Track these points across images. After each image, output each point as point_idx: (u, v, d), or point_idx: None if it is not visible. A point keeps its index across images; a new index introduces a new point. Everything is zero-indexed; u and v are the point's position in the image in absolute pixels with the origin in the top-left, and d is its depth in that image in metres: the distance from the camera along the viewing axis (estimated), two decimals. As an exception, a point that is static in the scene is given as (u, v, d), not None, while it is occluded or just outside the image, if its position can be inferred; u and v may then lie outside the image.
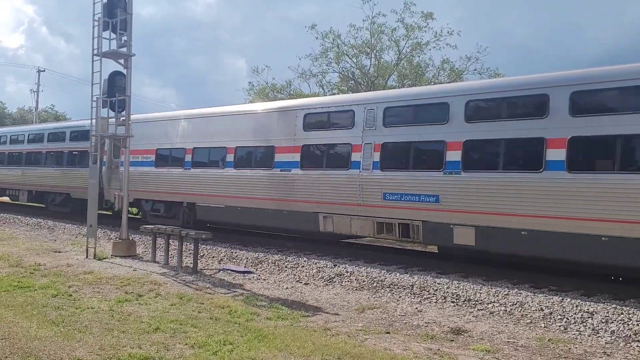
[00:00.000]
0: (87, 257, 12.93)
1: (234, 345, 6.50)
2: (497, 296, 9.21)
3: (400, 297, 9.75)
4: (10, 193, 25.31)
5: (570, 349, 6.98)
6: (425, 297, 9.63)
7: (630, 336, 7.42)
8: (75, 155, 21.48)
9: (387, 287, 10.22)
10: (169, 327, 7.19)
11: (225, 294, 9.62)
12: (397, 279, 10.47)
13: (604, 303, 8.65)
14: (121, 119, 13.74)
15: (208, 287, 10.13)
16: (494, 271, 11.00)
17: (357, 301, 9.40)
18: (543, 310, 8.47)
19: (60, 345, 6.31)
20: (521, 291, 9.39)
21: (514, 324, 8.14)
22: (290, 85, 33.27)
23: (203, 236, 11.93)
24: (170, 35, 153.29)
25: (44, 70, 54.84)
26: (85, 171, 19.80)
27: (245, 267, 12.29)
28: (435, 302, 9.39)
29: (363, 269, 11.32)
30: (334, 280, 10.96)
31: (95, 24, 13.39)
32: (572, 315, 8.17)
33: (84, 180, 20.02)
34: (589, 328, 7.79)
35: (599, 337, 7.53)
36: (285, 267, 12.00)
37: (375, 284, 10.43)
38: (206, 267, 12.28)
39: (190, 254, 12.51)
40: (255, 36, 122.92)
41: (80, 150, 21.06)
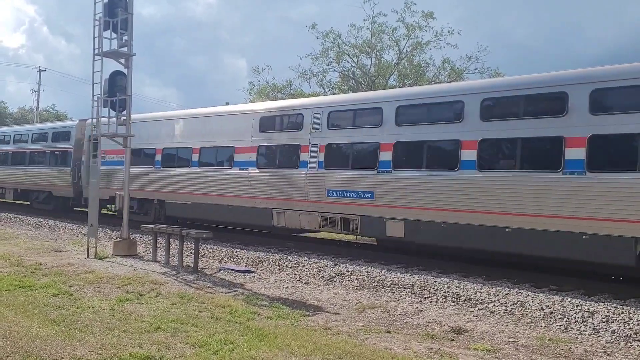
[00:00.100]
0: (88, 256, 12.95)
1: (235, 344, 6.51)
2: (498, 295, 9.22)
3: (400, 296, 9.76)
4: None
5: (570, 348, 6.99)
6: (425, 296, 9.64)
7: (630, 336, 7.43)
8: (57, 155, 22.05)
9: (388, 287, 10.23)
10: (169, 326, 7.20)
11: (226, 293, 9.64)
12: (398, 279, 10.49)
13: (605, 302, 8.65)
14: (122, 118, 13.76)
15: (209, 287, 10.14)
16: (495, 271, 11.01)
17: (358, 300, 9.41)
18: (543, 309, 8.47)
19: (61, 344, 6.32)
20: (522, 291, 9.40)
21: (515, 324, 8.15)
22: (291, 85, 33.24)
23: (204, 235, 11.95)
24: (171, 35, 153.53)
25: (45, 70, 54.87)
26: (65, 170, 21.02)
27: (245, 266, 12.30)
28: (436, 302, 9.39)
29: (363, 268, 11.33)
30: (335, 279, 10.97)
31: (96, 23, 13.41)
32: (572, 315, 8.18)
33: (65, 179, 21.06)
34: (590, 327, 7.79)
35: (599, 336, 7.53)
36: (286, 266, 12.01)
37: (375, 284, 10.44)
38: (207, 267, 12.29)
39: (191, 253, 12.52)
40: (255, 36, 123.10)
41: (61, 150, 21.66)
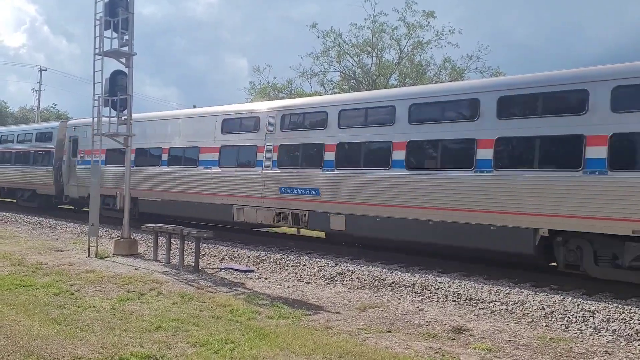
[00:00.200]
0: (88, 255, 12.96)
1: (236, 343, 6.52)
2: (499, 295, 9.22)
3: (401, 295, 9.76)
4: None
5: (571, 347, 6.99)
6: (426, 296, 9.64)
7: (631, 335, 7.43)
8: (40, 155, 22.72)
9: (389, 286, 10.23)
10: (170, 325, 7.21)
11: (226, 292, 9.64)
12: (399, 278, 10.49)
13: (606, 302, 8.64)
14: (123, 118, 13.77)
15: (209, 286, 10.14)
16: (495, 270, 11.01)
17: (359, 300, 9.41)
18: (544, 309, 8.47)
19: (62, 343, 6.33)
20: (522, 290, 9.39)
21: (516, 323, 8.15)
22: (292, 84, 33.28)
23: (205, 235, 11.95)
24: (171, 34, 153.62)
25: (46, 70, 54.99)
26: (47, 169, 21.86)
27: (246, 265, 12.31)
28: (437, 301, 9.39)
29: (364, 267, 11.34)
30: (336, 279, 10.97)
31: (97, 23, 13.41)
32: (573, 314, 8.17)
33: (47, 178, 21.87)
34: (591, 327, 7.79)
35: (600, 336, 7.53)
36: (287, 265, 12.01)
37: (376, 283, 10.44)
38: (208, 266, 12.30)
39: (191, 252, 12.53)
40: (256, 36, 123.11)
41: (45, 151, 22.33)
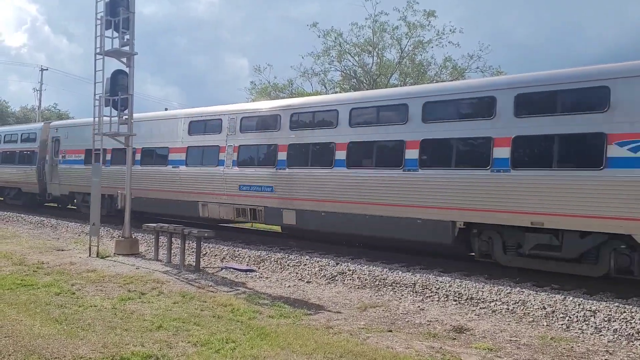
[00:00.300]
0: (90, 255, 12.97)
1: (237, 343, 6.52)
2: (500, 294, 9.21)
3: (402, 295, 9.76)
4: None
5: (572, 347, 6.98)
6: (427, 295, 9.64)
7: (632, 335, 7.42)
8: (25, 155, 23.60)
9: (389, 286, 10.23)
10: (171, 325, 7.21)
11: (227, 292, 9.65)
12: (399, 278, 10.48)
13: (607, 302, 8.63)
14: (124, 117, 13.78)
15: (210, 286, 10.15)
16: (496, 270, 11.00)
17: (359, 299, 9.42)
18: (545, 308, 8.47)
19: (63, 343, 6.34)
20: (523, 290, 9.39)
21: (516, 323, 8.15)
22: (292, 84, 33.30)
23: (205, 234, 11.96)
24: (172, 34, 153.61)
25: (47, 69, 55.02)
26: (31, 168, 22.82)
27: (247, 265, 12.32)
28: (438, 301, 9.39)
29: (365, 267, 11.34)
30: (336, 278, 10.97)
31: (98, 22, 13.42)
32: (574, 314, 8.17)
33: (31, 177, 22.83)
34: (592, 327, 7.79)
35: (601, 335, 7.53)
36: (288, 265, 12.01)
37: (377, 282, 10.44)
38: (209, 266, 12.31)
39: (192, 252, 12.54)
40: (256, 35, 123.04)
41: (29, 151, 23.55)
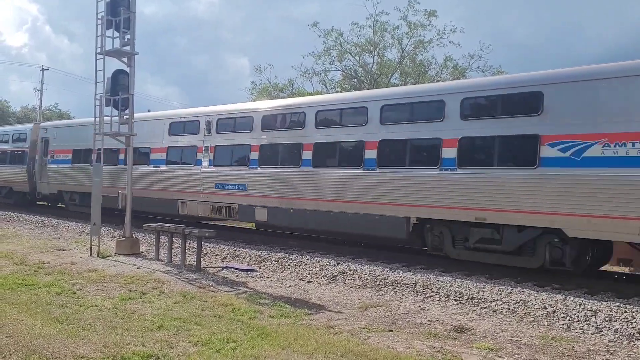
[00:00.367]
0: (90, 255, 12.98)
1: (237, 343, 6.53)
2: (500, 294, 9.20)
3: (403, 295, 9.76)
4: None
5: (573, 347, 6.98)
6: (428, 295, 9.64)
7: (633, 334, 7.41)
8: (15, 155, 24.41)
9: (390, 285, 10.23)
10: (172, 324, 7.22)
11: (228, 292, 9.65)
12: (400, 277, 10.48)
13: (608, 301, 8.62)
14: (125, 117, 13.79)
15: (211, 285, 10.16)
16: (497, 269, 10.99)
17: (360, 299, 9.42)
18: (546, 308, 8.46)
19: (64, 342, 6.35)
20: (524, 289, 9.38)
21: (517, 322, 8.14)
22: (293, 84, 33.31)
23: (206, 234, 11.97)
24: (173, 33, 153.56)
25: (48, 69, 54.97)
26: (22, 168, 23.41)
27: (248, 265, 12.32)
28: (438, 301, 9.39)
29: (366, 267, 11.33)
30: (337, 278, 10.97)
31: (99, 22, 13.43)
32: (575, 314, 8.16)
33: (22, 176, 23.42)
34: (593, 326, 7.78)
35: (602, 335, 7.52)
36: (289, 265, 12.02)
37: (378, 282, 10.44)
38: (209, 265, 12.31)
39: (193, 252, 12.55)
40: (256, 35, 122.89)
41: (20, 151, 24.14)
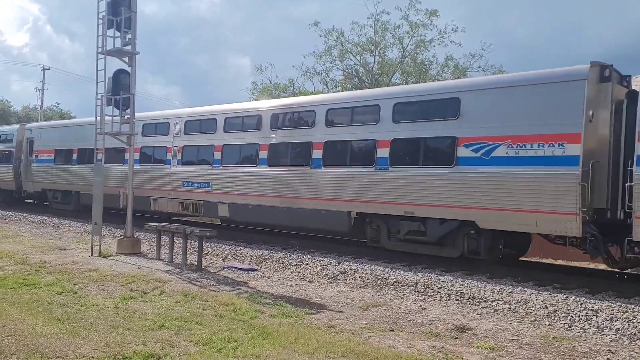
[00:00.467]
0: (92, 254, 12.99)
1: (239, 342, 6.53)
2: (502, 294, 9.20)
3: (404, 294, 9.76)
4: None
5: (574, 346, 6.98)
6: (429, 294, 9.63)
7: (635, 334, 7.40)
8: (3, 155, 25.09)
9: (391, 285, 10.23)
10: (173, 324, 7.22)
11: (229, 291, 9.66)
12: (401, 277, 10.48)
13: (609, 301, 8.62)
14: (126, 116, 13.80)
15: (212, 285, 10.16)
16: (498, 269, 10.99)
17: (361, 299, 9.42)
18: (547, 308, 8.46)
19: (65, 342, 6.35)
20: (525, 289, 9.37)
21: (519, 322, 8.14)
22: (294, 84, 33.34)
23: (207, 234, 11.98)
24: (174, 33, 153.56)
25: (49, 69, 54.99)
26: (8, 167, 24.20)
27: (249, 264, 12.32)
28: (440, 300, 9.39)
29: (367, 266, 11.33)
30: (338, 277, 10.97)
31: (100, 22, 13.43)
32: (576, 313, 8.15)
33: (9, 175, 24.35)
34: (594, 326, 7.77)
35: (603, 335, 7.51)
36: (290, 264, 12.02)
37: (379, 282, 10.43)
38: (210, 265, 12.32)
39: (194, 251, 12.56)
40: (257, 35, 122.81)
41: (7, 151, 24.82)
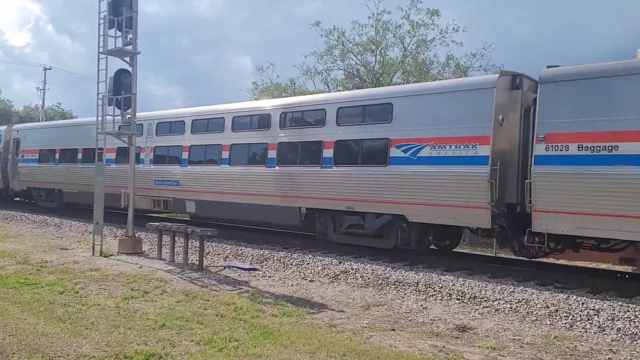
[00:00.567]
0: (93, 254, 13.00)
1: (240, 342, 6.53)
2: (503, 293, 9.20)
3: (405, 294, 9.76)
4: None
5: (576, 346, 6.97)
6: (430, 294, 9.63)
7: (636, 334, 7.40)
8: None
9: (393, 285, 10.23)
10: (174, 323, 7.23)
11: (230, 291, 9.66)
12: (402, 276, 10.48)
13: (610, 300, 8.61)
14: (127, 116, 13.81)
15: (214, 284, 10.17)
16: (500, 268, 10.99)
17: (363, 298, 9.42)
18: (549, 307, 8.45)
19: (67, 341, 6.36)
20: (527, 288, 9.37)
21: (520, 322, 8.14)
22: (295, 83, 33.36)
23: (208, 233, 11.98)
24: (175, 33, 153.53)
25: (50, 69, 54.71)
26: None
27: (250, 264, 12.33)
28: (441, 300, 9.39)
29: (368, 266, 11.33)
30: (339, 277, 10.98)
31: (101, 22, 13.44)
32: (578, 313, 8.15)
33: None
34: (595, 325, 7.77)
35: (605, 334, 7.51)
36: (291, 264, 12.02)
37: (380, 281, 10.44)
38: (212, 265, 12.32)
39: (195, 251, 12.57)
40: (259, 34, 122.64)
41: None
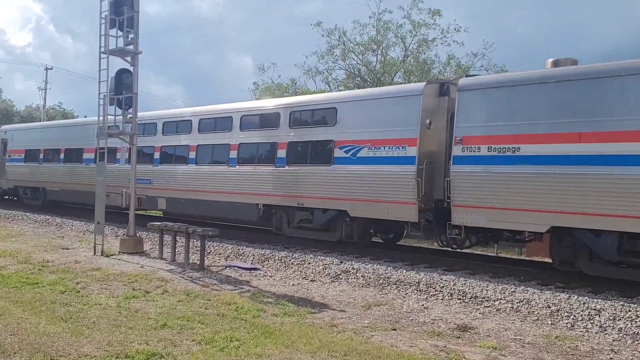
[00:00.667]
0: (94, 253, 13.02)
1: (241, 341, 6.54)
2: (504, 293, 9.19)
3: (406, 294, 9.76)
4: None
5: (577, 346, 6.97)
6: (431, 294, 9.63)
7: (637, 333, 7.40)
8: None
9: (394, 284, 10.23)
10: (176, 323, 7.24)
11: (231, 290, 9.67)
12: (404, 276, 10.47)
13: (612, 300, 8.60)
14: (128, 116, 13.82)
15: (215, 284, 10.17)
16: (501, 268, 10.99)
17: (364, 298, 9.42)
18: (550, 307, 8.45)
19: (68, 341, 6.37)
20: (528, 288, 9.37)
21: (521, 321, 8.13)
22: (295, 83, 33.36)
23: (210, 233, 11.99)
24: (176, 32, 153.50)
25: (52, 68, 54.89)
26: None
27: (251, 264, 12.33)
28: (442, 299, 9.38)
29: (369, 265, 11.33)
30: (340, 277, 10.98)
31: (102, 21, 13.45)
32: (579, 313, 8.15)
33: None
34: (596, 325, 7.77)
35: (606, 334, 7.51)
36: (292, 263, 12.02)
37: (381, 281, 10.44)
38: (213, 264, 12.33)
39: (196, 250, 12.57)
40: (260, 34, 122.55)
41: None
